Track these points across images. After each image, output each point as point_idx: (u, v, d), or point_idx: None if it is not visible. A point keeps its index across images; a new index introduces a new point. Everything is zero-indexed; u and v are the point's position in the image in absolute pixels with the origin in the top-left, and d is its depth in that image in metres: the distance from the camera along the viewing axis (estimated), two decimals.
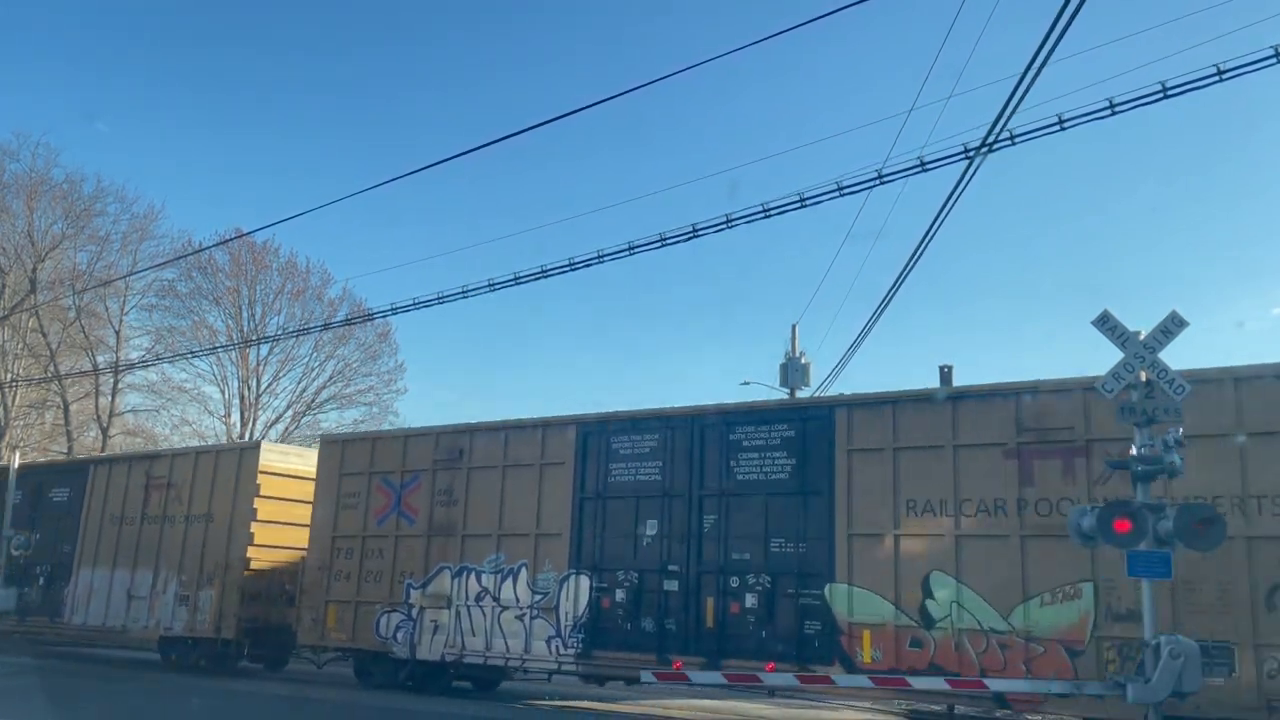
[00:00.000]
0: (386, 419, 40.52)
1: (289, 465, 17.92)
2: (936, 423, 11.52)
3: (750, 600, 12.29)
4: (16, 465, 22.10)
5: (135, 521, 19.25)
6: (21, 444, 33.72)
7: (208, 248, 37.96)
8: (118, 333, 39.97)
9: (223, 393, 39.94)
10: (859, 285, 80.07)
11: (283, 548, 17.48)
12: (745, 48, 15.01)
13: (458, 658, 14.36)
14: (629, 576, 13.22)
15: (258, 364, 39.97)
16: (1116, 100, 9.99)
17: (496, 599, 14.22)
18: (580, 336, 72.57)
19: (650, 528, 13.26)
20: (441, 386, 68.03)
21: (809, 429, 12.41)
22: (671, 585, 12.88)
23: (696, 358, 70.86)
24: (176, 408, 40.20)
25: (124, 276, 37.31)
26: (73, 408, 38.73)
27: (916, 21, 70.87)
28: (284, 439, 37.64)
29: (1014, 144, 10.50)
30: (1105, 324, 9.40)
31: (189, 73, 66.99)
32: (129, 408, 41.42)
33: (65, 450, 37.19)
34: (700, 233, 13.44)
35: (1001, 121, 10.15)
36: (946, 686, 10.48)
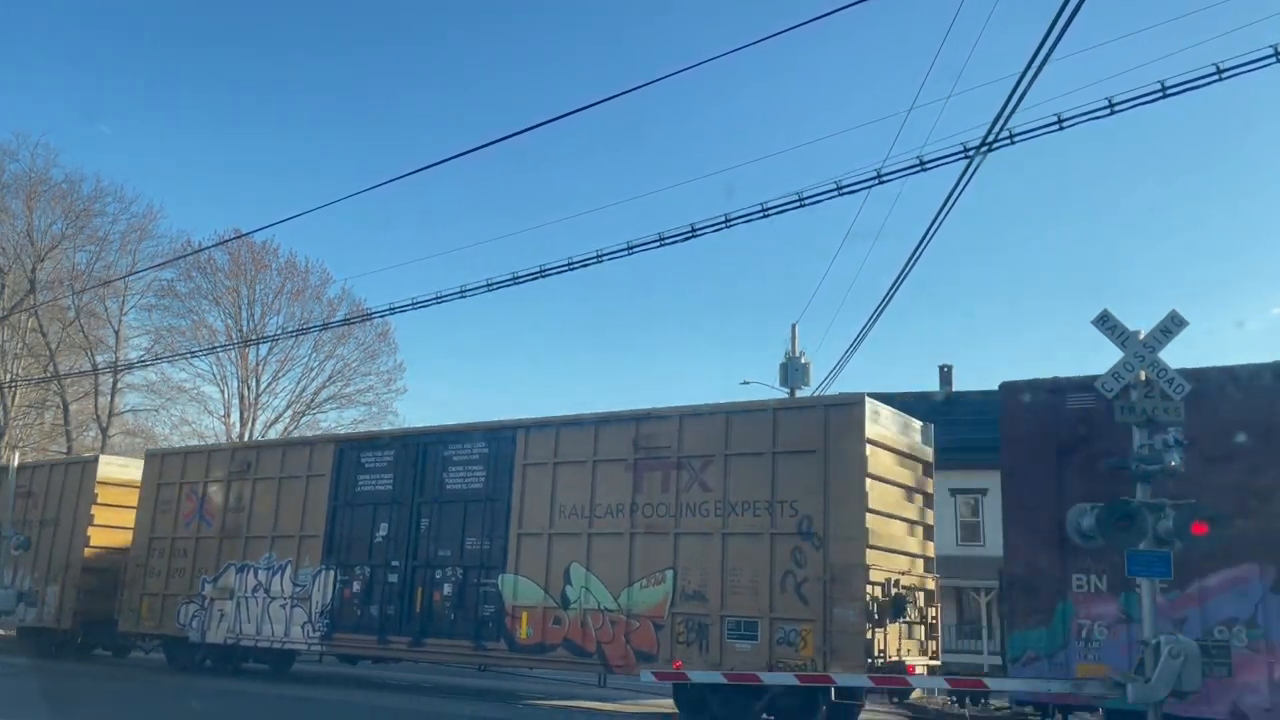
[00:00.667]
0: (386, 418, 41.67)
1: (127, 476, 20.38)
2: (584, 442, 14.04)
3: (448, 589, 14.81)
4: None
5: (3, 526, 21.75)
6: (21, 444, 34.44)
7: (207, 248, 38.77)
8: (117, 333, 40.82)
9: (222, 393, 40.94)
10: (858, 286, 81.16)
11: (119, 550, 19.93)
12: (745, 48, 15.18)
13: (236, 641, 16.90)
14: (364, 571, 15.74)
15: (257, 364, 40.97)
16: (1116, 100, 9.96)
17: (268, 591, 16.73)
18: (580, 336, 74.22)
19: (383, 530, 15.77)
20: (441, 386, 70.15)
21: (499, 447, 14.92)
22: (393, 578, 15.40)
23: (697, 358, 72.51)
24: (176, 407, 41.23)
25: (124, 276, 37.98)
26: (72, 408, 39.50)
27: (916, 21, 72.51)
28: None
29: (1013, 144, 10.52)
30: (1105, 324, 9.55)
31: (189, 73, 69.22)
32: (128, 407, 42.35)
33: (65, 450, 37.61)
34: (699, 232, 13.47)
35: (1001, 121, 10.16)
36: (946, 686, 10.76)
